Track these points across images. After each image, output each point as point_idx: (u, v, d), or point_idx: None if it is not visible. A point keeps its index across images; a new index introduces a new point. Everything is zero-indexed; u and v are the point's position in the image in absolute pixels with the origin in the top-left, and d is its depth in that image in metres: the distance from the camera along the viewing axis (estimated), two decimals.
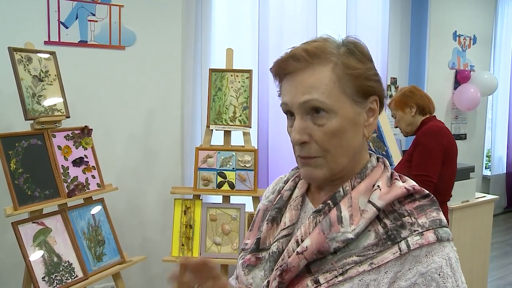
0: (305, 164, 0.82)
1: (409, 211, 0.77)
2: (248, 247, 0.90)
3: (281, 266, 0.79)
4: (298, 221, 0.87)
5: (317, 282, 0.76)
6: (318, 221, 0.79)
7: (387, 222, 0.77)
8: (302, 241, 0.78)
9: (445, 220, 0.78)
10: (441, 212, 0.79)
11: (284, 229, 0.85)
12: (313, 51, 0.79)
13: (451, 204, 3.05)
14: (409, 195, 0.79)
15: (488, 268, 3.49)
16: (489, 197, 3.46)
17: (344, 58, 0.79)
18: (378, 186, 0.80)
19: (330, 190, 0.84)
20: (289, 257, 0.78)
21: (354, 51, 0.80)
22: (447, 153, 2.42)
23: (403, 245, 0.74)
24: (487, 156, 6.08)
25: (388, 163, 0.88)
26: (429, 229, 0.75)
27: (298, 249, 0.77)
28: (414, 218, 0.76)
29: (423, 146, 2.37)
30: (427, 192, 0.80)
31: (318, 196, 0.88)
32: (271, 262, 0.82)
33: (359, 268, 0.74)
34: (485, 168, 6.07)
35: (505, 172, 6.11)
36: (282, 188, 0.94)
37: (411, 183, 0.82)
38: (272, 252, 0.83)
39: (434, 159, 2.35)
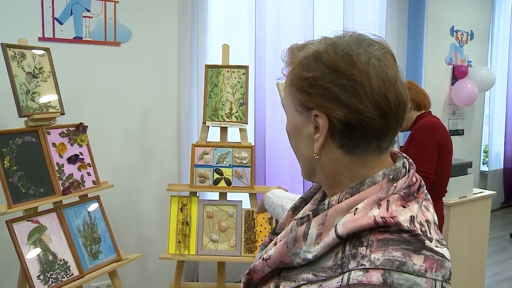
0: None
1: (369, 242, 0.66)
2: None
3: (251, 267, 0.80)
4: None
5: (277, 287, 0.75)
6: (293, 230, 0.76)
7: (347, 247, 0.68)
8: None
9: (417, 266, 0.63)
10: (419, 256, 0.64)
11: (295, 219, 0.83)
12: (291, 51, 0.81)
13: (448, 200, 3.05)
14: (381, 226, 0.67)
15: (486, 264, 3.50)
16: (486, 192, 3.46)
17: (296, 65, 0.77)
18: (356, 209, 0.69)
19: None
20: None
21: (308, 60, 0.74)
22: (442, 149, 2.41)
23: (345, 276, 0.65)
24: (484, 152, 6.08)
25: (403, 180, 0.74)
26: (378, 268, 0.62)
27: (264, 256, 0.77)
28: (370, 251, 0.65)
29: (418, 142, 2.37)
30: (408, 228, 0.67)
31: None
32: None
33: (309, 287, 0.69)
34: (483, 163, 6.07)
35: (503, 167, 6.11)
36: None
37: (399, 213, 0.69)
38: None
39: (429, 155, 2.35)
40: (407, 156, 0.81)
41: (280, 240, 0.78)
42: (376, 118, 0.70)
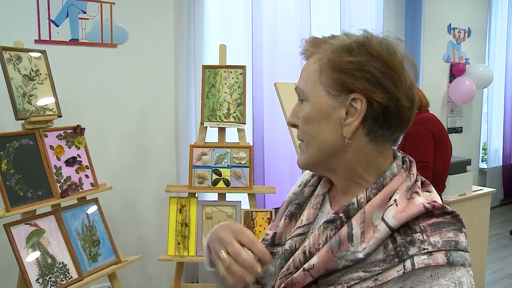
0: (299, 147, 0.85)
1: (422, 227, 0.71)
2: (267, 239, 0.89)
3: (286, 277, 0.77)
4: (315, 221, 0.85)
5: None
6: (328, 236, 0.75)
7: (397, 237, 0.71)
8: (310, 253, 0.76)
9: (464, 243, 0.71)
10: (462, 234, 0.72)
11: (299, 227, 0.84)
12: (316, 41, 0.82)
13: (448, 197, 3.05)
14: (427, 212, 0.73)
15: (486, 261, 3.49)
16: (486, 190, 3.46)
17: (335, 49, 0.77)
18: (395, 200, 0.74)
19: (349, 193, 0.81)
20: (294, 268, 0.77)
21: (351, 45, 0.76)
22: (438, 142, 2.44)
23: (408, 263, 0.68)
24: (483, 149, 6.08)
25: (414, 167, 0.81)
26: (440, 250, 0.68)
27: (305, 266, 0.75)
28: (426, 235, 0.70)
29: (413, 135, 2.43)
30: (450, 209, 0.74)
31: (338, 197, 0.86)
32: (281, 260, 0.81)
33: (363, 284, 0.70)
34: (482, 161, 6.06)
35: (501, 164, 6.11)
36: (309, 181, 0.93)
37: (433, 197, 0.77)
38: (284, 250, 0.82)
39: (426, 145, 2.39)
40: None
41: (309, 248, 0.76)
42: (407, 109, 0.76)
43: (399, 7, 4.70)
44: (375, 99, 0.74)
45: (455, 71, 5.18)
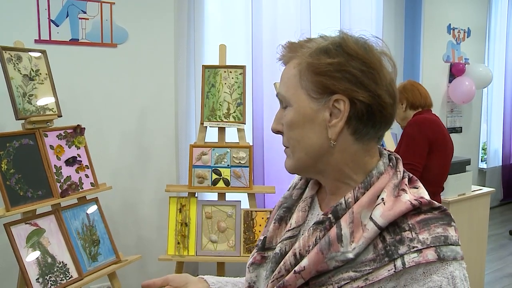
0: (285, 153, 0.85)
1: (410, 225, 0.71)
2: (258, 244, 0.90)
3: (278, 280, 0.78)
4: (305, 224, 0.85)
5: None
6: (318, 237, 0.75)
7: (387, 236, 0.72)
8: (300, 255, 0.76)
9: (454, 237, 0.71)
10: (451, 228, 0.72)
11: (289, 230, 0.84)
12: (293, 45, 0.82)
13: (447, 197, 3.05)
14: (415, 209, 0.73)
15: (485, 261, 3.50)
16: (485, 189, 3.46)
17: (312, 52, 0.77)
18: (382, 199, 0.74)
19: (338, 193, 0.82)
20: (285, 271, 0.77)
21: (328, 47, 0.76)
22: (434, 143, 2.43)
23: (398, 262, 0.69)
24: (482, 149, 6.08)
25: (401, 164, 0.81)
26: (430, 247, 0.69)
27: (296, 268, 0.75)
28: (415, 233, 0.70)
29: (407, 136, 2.44)
30: (438, 204, 0.74)
31: (327, 198, 0.86)
32: (272, 264, 0.81)
33: (354, 284, 0.70)
34: (481, 161, 6.07)
35: (501, 164, 6.11)
36: (297, 184, 0.93)
37: (420, 193, 0.77)
38: (275, 254, 0.82)
39: (417, 148, 2.39)
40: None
41: (300, 250, 0.76)
42: (389, 105, 0.77)
43: (399, 7, 4.71)
44: (358, 98, 0.74)
45: (455, 71, 5.19)
